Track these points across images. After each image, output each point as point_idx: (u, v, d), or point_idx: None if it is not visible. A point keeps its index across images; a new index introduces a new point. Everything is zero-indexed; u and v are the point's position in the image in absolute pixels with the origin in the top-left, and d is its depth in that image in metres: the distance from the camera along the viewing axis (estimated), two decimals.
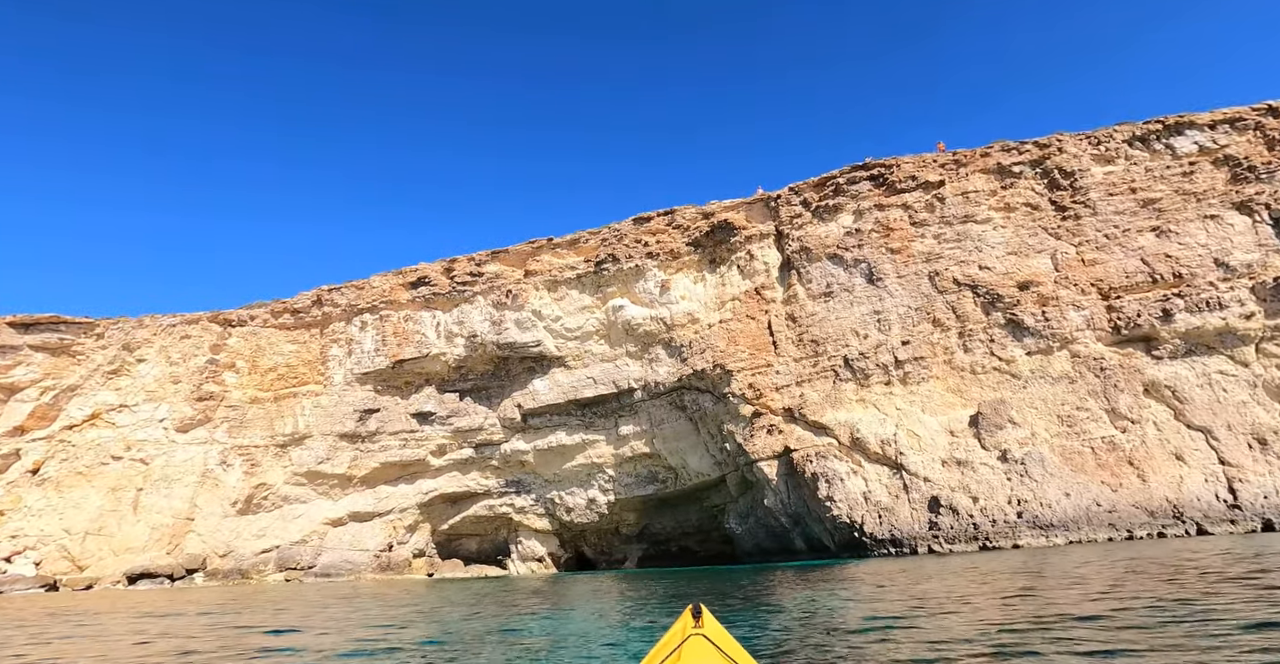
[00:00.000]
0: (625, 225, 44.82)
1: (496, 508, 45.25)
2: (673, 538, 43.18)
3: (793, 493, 32.66)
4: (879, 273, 35.94)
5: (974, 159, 38.26)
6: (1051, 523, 24.42)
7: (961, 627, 7.84)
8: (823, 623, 8.93)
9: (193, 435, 42.47)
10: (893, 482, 28.82)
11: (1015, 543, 24.17)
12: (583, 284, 43.03)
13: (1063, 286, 31.81)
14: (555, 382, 42.74)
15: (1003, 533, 24.67)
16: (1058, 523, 24.52)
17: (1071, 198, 34.84)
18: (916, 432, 29.85)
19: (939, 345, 32.83)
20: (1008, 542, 24.30)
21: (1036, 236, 34.42)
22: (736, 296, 39.39)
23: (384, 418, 44.17)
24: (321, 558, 41.97)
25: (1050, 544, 23.92)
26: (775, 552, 35.22)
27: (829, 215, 39.01)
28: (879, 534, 27.51)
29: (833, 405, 32.82)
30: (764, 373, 35.69)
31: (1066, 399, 28.86)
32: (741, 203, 42.71)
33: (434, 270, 46.09)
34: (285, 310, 47.36)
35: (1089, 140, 36.70)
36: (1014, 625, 7.55)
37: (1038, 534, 24.26)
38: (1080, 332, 30.38)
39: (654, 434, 40.62)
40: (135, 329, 44.49)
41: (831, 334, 35.12)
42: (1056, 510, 24.78)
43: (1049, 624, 7.46)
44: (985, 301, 32.87)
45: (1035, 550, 22.53)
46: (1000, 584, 12.53)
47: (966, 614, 8.93)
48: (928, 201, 37.42)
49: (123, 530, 38.90)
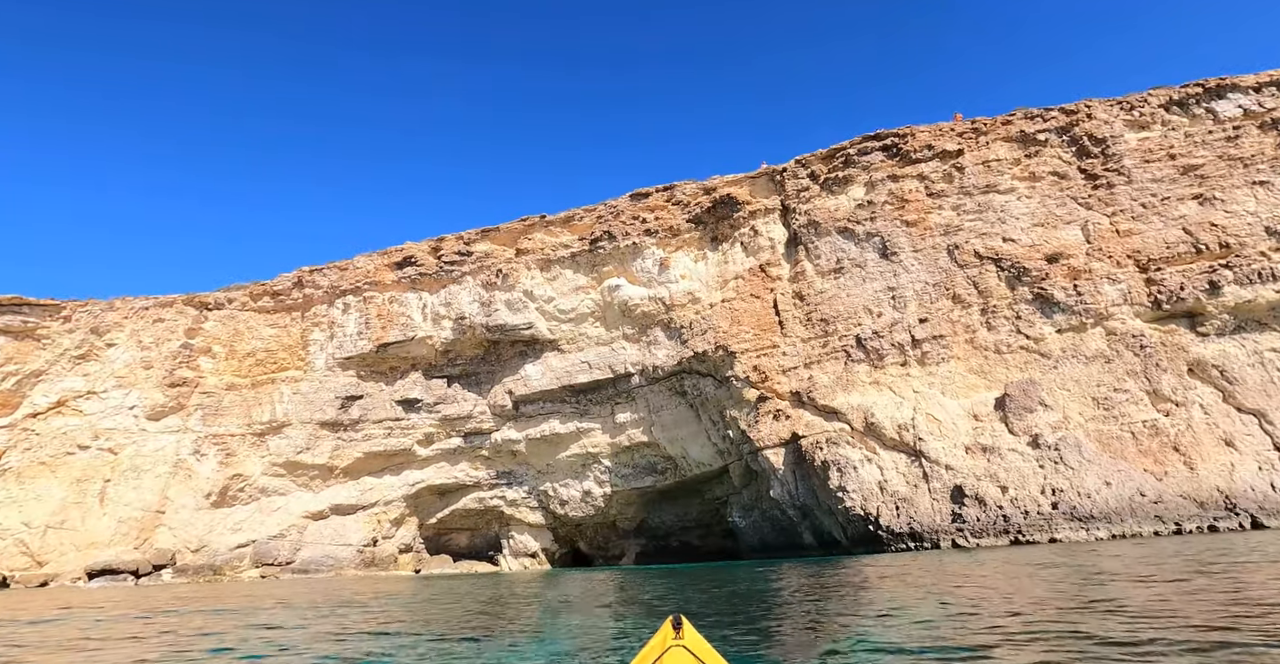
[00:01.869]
0: (622, 202, 42.29)
1: (487, 501, 42.91)
2: (672, 532, 40.78)
3: (801, 483, 30.19)
4: (893, 247, 33.38)
5: (995, 127, 35.65)
6: (1091, 515, 21.89)
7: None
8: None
9: (165, 423, 40.17)
10: (911, 470, 26.31)
11: (1052, 536, 21.65)
12: (577, 263, 40.55)
13: (1096, 259, 29.20)
14: (548, 366, 40.31)
15: (1037, 525, 22.13)
16: (1098, 515, 21.99)
17: (1103, 166, 32.21)
18: (936, 416, 27.32)
19: (959, 323, 30.26)
20: (1043, 535, 21.78)
21: (1065, 207, 31.80)
22: (740, 275, 36.87)
23: (367, 405, 41.80)
24: (301, 553, 39.67)
25: (1091, 538, 21.41)
26: (781, 547, 32.79)
27: (839, 188, 36.44)
28: (896, 527, 25.03)
29: (844, 388, 30.31)
30: (769, 354, 33.18)
31: (1103, 380, 26.29)
32: (745, 177, 40.13)
33: (420, 250, 43.65)
34: (265, 293, 44.98)
35: (1121, 106, 34.06)
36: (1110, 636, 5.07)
37: (1076, 527, 21.72)
38: (1116, 307, 27.78)
39: (652, 422, 38.17)
40: (105, 312, 42.16)
41: (842, 312, 32.58)
42: (1096, 501, 22.24)
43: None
44: (1010, 276, 30.28)
45: (1075, 545, 20.02)
46: (1061, 585, 10.05)
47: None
48: (945, 172, 34.85)
49: (87, 524, 36.63)
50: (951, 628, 7.12)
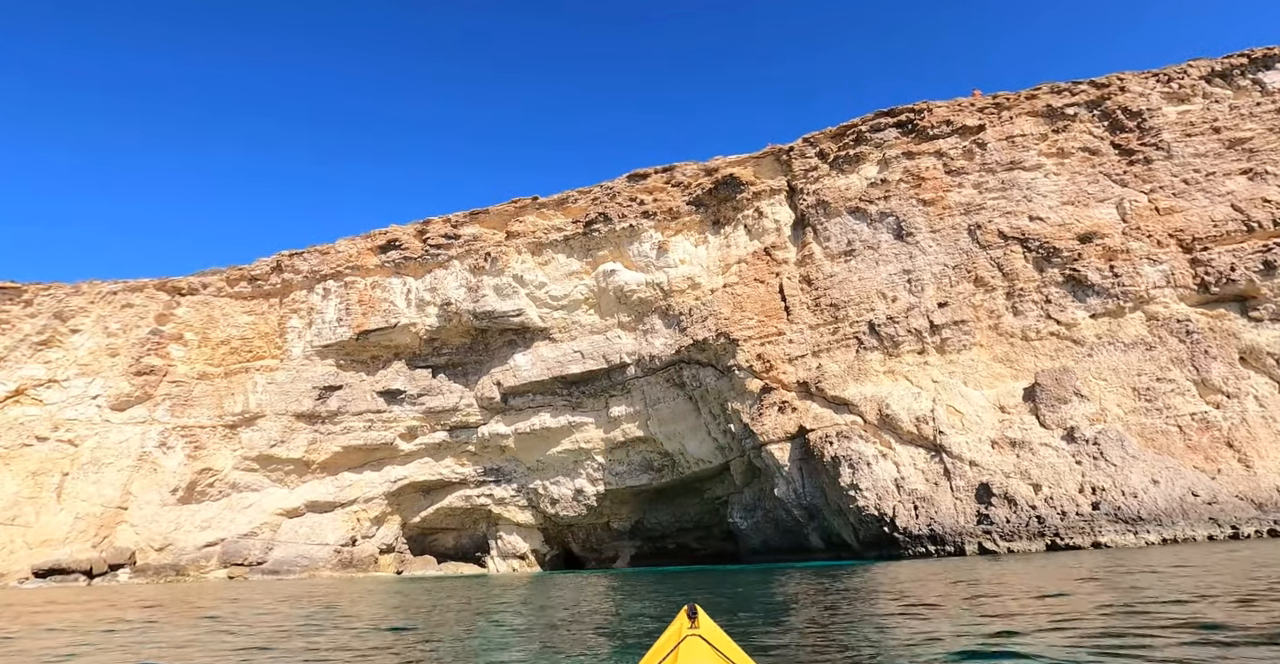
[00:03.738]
0: (619, 183, 39.91)
1: (474, 499, 40.45)
2: (669, 534, 38.28)
3: (808, 481, 27.70)
4: (909, 227, 30.93)
5: (1018, 102, 33.24)
6: (1139, 516, 19.37)
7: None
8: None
9: (130, 414, 37.77)
10: (931, 466, 23.82)
11: (1095, 540, 19.12)
12: (570, 247, 38.13)
13: (1134, 238, 26.70)
14: (539, 356, 37.87)
15: (1077, 528, 19.61)
16: (1147, 516, 19.47)
17: (1139, 140, 29.75)
18: (958, 407, 24.83)
19: (982, 308, 27.78)
20: (1085, 538, 19.26)
21: (1098, 184, 29.33)
22: (743, 258, 34.43)
23: (347, 396, 39.38)
24: (273, 553, 37.23)
25: (1140, 542, 18.89)
26: (786, 550, 30.31)
27: (850, 166, 34.03)
28: (914, 529, 22.53)
29: (856, 378, 27.83)
30: (775, 342, 30.71)
31: (1144, 369, 23.76)
32: (749, 157, 37.73)
33: (406, 233, 41.28)
34: (242, 278, 42.63)
35: (1157, 78, 31.65)
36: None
37: (1123, 530, 19.19)
38: (1158, 289, 25.28)
39: (648, 415, 35.70)
40: (70, 296, 39.82)
41: (854, 297, 30.12)
42: (1144, 501, 19.72)
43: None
44: (1039, 257, 27.79)
45: (1124, 552, 17.51)
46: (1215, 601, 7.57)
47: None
48: (965, 148, 32.44)
49: (42, 520, 34.23)
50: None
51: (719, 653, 3.30)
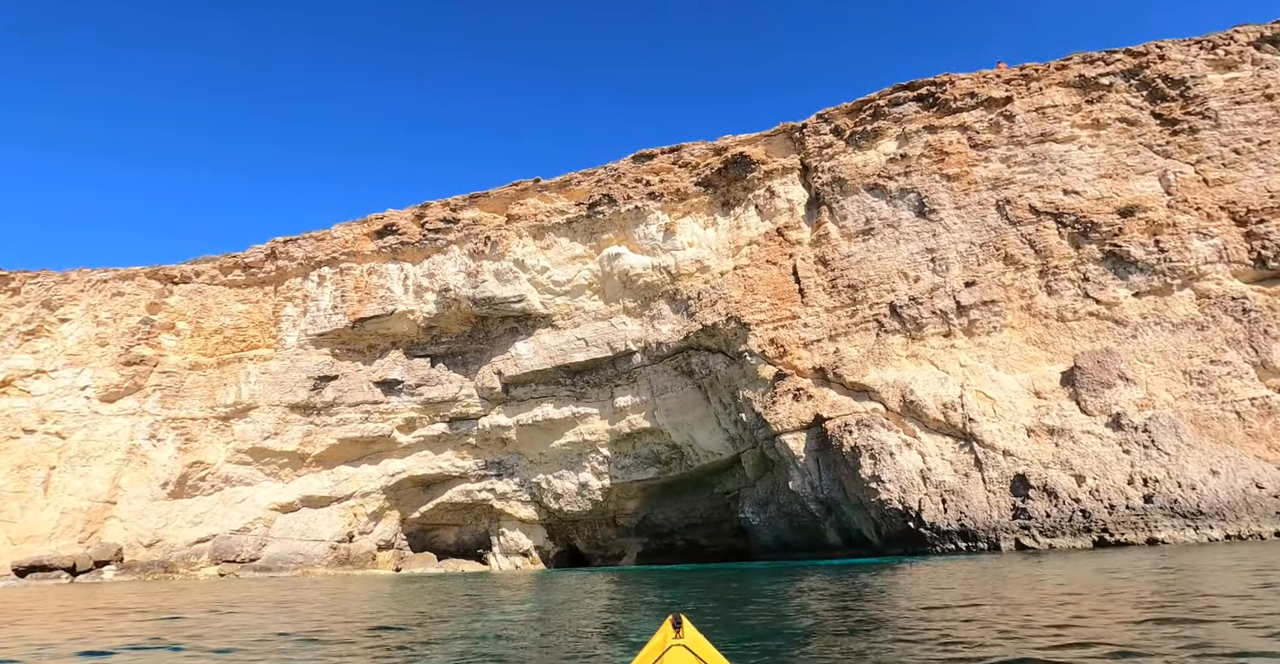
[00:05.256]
0: (624, 164, 38.16)
1: (475, 493, 38.90)
2: (677, 530, 36.55)
3: (825, 473, 25.88)
4: (932, 203, 28.99)
5: (1048, 73, 31.18)
6: (1199, 510, 17.43)
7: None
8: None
9: (119, 406, 36.50)
10: (960, 456, 21.93)
11: (1152, 536, 17.20)
12: (573, 230, 36.44)
13: (1180, 211, 24.63)
14: (541, 344, 36.24)
15: (1128, 522, 17.69)
16: (1207, 510, 17.52)
17: (1183, 109, 27.67)
18: (989, 393, 22.91)
19: (1013, 287, 25.81)
20: (1138, 534, 17.34)
21: (1138, 155, 27.25)
22: (754, 240, 32.60)
23: (343, 386, 37.93)
24: (266, 549, 35.85)
25: (1202, 538, 16.95)
26: (800, 547, 28.53)
27: (867, 142, 32.11)
28: (943, 524, 20.68)
29: (876, 363, 25.95)
30: (788, 326, 28.88)
31: (1195, 350, 21.75)
32: (759, 136, 35.85)
33: (403, 217, 39.74)
34: (236, 265, 41.27)
35: (1200, 46, 29.56)
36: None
37: (1181, 525, 17.26)
38: (1209, 265, 23.23)
39: (655, 406, 33.98)
40: (59, 284, 38.59)
41: (873, 277, 28.23)
42: (1204, 493, 17.77)
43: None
44: (1075, 232, 25.78)
45: (1186, 549, 15.59)
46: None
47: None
48: (992, 121, 30.45)
49: (27, 515, 33.01)
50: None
51: (704, 663, 3.25)
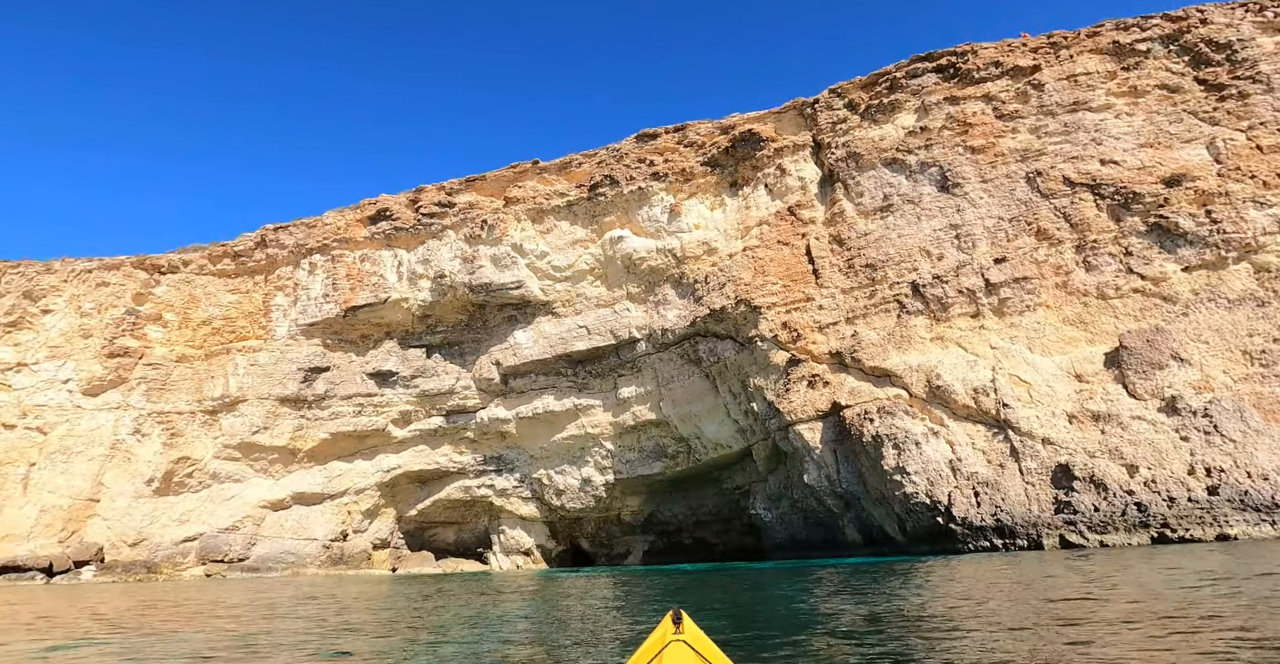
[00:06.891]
0: (626, 144, 36.37)
1: (473, 490, 37.23)
2: (685, 527, 34.78)
3: (844, 465, 24.04)
4: (955, 177, 27.10)
5: (1078, 41, 29.26)
6: (1274, 502, 15.53)
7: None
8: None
9: (103, 399, 35.05)
10: (994, 445, 20.07)
11: (1222, 531, 15.32)
12: (574, 213, 34.69)
13: (1233, 180, 22.68)
14: (541, 332, 34.52)
15: (1192, 517, 15.81)
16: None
17: (1230, 74, 25.74)
18: (1024, 377, 21.02)
19: (1047, 263, 23.90)
20: (1205, 529, 15.48)
21: (1182, 123, 25.29)
22: (764, 220, 30.78)
23: (335, 378, 36.34)
24: (256, 548, 34.33)
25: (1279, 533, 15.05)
26: (816, 544, 26.69)
27: (883, 116, 30.25)
28: (976, 519, 18.83)
29: (898, 346, 24.09)
30: (802, 308, 27.05)
31: (1256, 328, 19.81)
32: (768, 113, 34.01)
33: (397, 203, 38.11)
34: (225, 254, 39.75)
35: (1246, 8, 27.64)
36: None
37: (1255, 519, 15.39)
38: (1268, 236, 21.30)
39: (661, 396, 32.20)
40: (41, 274, 37.19)
41: (893, 256, 26.37)
42: (1278, 484, 15.85)
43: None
44: (1115, 204, 23.83)
45: (1260, 544, 13.69)
46: None
47: None
48: (1019, 91, 28.55)
49: (5, 514, 31.58)
50: None
51: (703, 659, 3.25)
